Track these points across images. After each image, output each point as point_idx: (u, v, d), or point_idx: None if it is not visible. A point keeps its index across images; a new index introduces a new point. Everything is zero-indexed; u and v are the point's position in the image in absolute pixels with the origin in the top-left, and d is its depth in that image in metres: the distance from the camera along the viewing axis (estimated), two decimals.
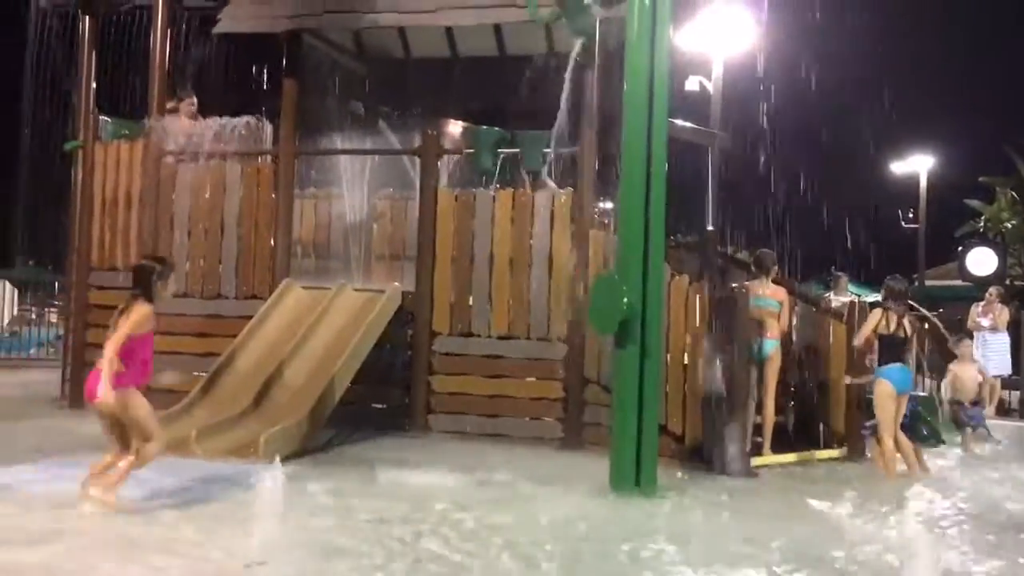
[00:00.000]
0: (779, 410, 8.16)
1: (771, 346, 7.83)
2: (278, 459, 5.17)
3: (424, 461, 7.11)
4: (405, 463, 7.00)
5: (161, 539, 4.58)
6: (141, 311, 5.20)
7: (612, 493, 5.95)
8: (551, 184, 8.85)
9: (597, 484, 6.11)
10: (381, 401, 8.79)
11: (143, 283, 5.29)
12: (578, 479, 6.39)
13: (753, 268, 8.31)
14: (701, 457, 7.21)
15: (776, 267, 8.32)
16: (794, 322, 8.53)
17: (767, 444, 7.73)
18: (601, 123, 8.30)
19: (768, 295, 7.95)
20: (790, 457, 7.81)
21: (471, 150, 9.02)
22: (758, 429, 7.81)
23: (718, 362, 7.05)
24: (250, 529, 4.90)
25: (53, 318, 20.03)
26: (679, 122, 8.74)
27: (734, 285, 7.46)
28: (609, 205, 11.06)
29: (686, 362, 7.44)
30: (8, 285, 17.50)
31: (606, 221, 10.43)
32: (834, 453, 8.20)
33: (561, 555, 4.56)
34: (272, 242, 9.16)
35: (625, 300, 6.05)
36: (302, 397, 7.54)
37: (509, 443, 8.06)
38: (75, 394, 9.57)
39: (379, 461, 7.04)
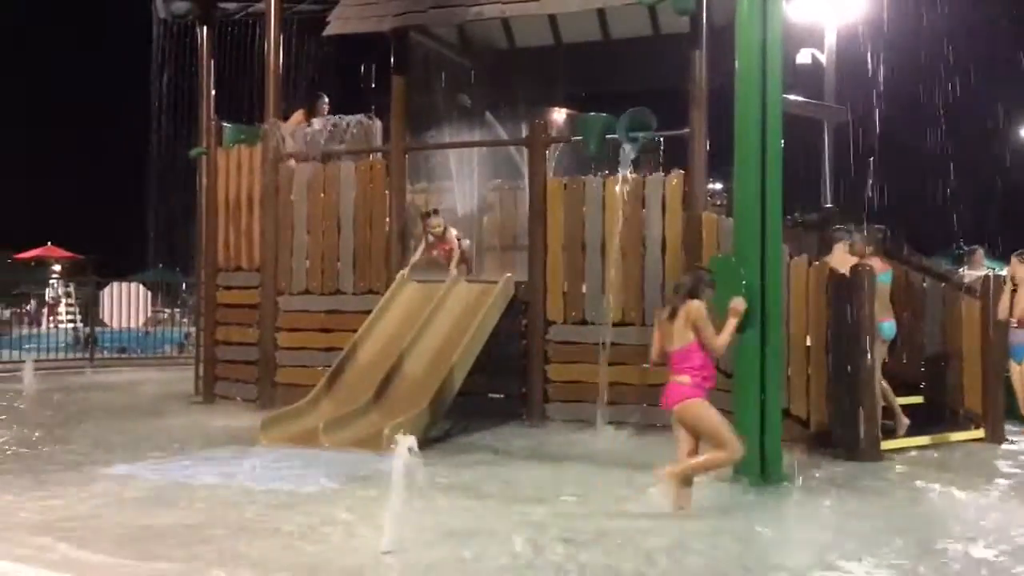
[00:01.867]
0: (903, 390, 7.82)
1: (890, 327, 7.52)
2: (405, 448, 5.24)
3: (542, 450, 7.14)
4: (523, 452, 7.05)
5: (297, 527, 4.74)
6: (701, 309, 5.22)
7: (735, 479, 5.84)
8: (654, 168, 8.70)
9: (721, 472, 6.00)
10: (498, 391, 8.87)
11: (695, 287, 5.33)
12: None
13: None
14: (827, 442, 7.00)
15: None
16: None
17: (899, 428, 7.43)
18: (711, 102, 8.15)
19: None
20: (923, 440, 7.49)
21: (579, 137, 8.98)
22: (888, 412, 7.50)
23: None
24: (380, 518, 5.02)
25: (183, 318, 21.05)
26: (793, 97, 8.48)
27: (858, 263, 7.17)
28: (719, 186, 10.88)
29: (808, 344, 7.23)
30: (142, 288, 18.43)
31: (718, 203, 10.27)
32: (972, 435, 7.82)
33: (684, 542, 4.51)
34: (386, 237, 9.35)
35: (744, 283, 5.92)
36: (422, 388, 7.68)
37: (628, 430, 8.01)
38: (207, 390, 10.04)
39: (498, 451, 7.12)
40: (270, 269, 9.69)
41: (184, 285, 21.60)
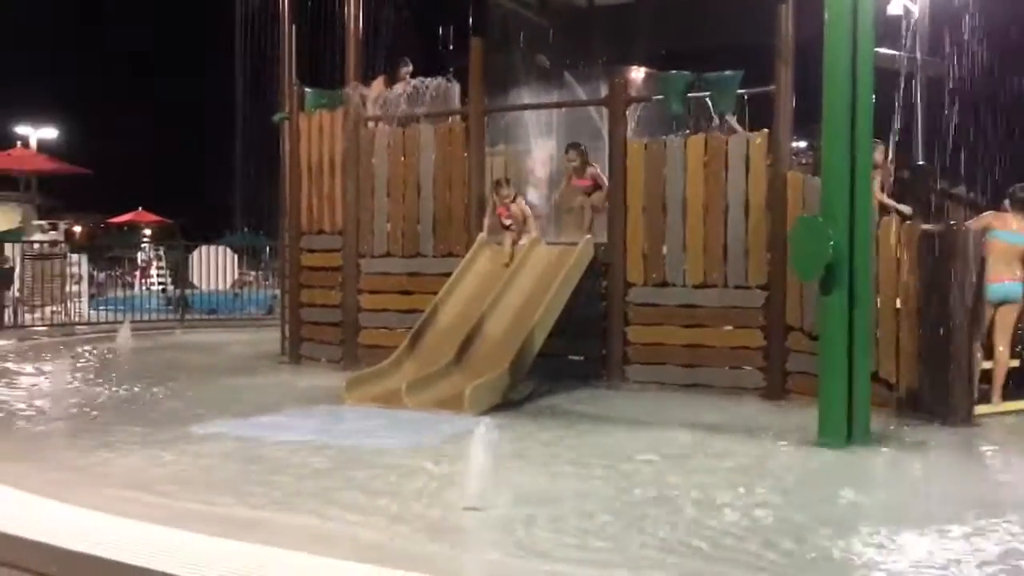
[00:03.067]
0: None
1: (1014, 289, 7.18)
2: (489, 408, 5.32)
3: (624, 411, 7.14)
4: (605, 414, 7.05)
5: (381, 483, 4.85)
6: None
7: (823, 444, 5.75)
8: (736, 126, 8.53)
9: (806, 434, 5.92)
10: (578, 353, 8.88)
11: None
12: (786, 429, 6.22)
13: (1008, 203, 7.55)
14: (917, 406, 6.83)
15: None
16: None
17: (997, 392, 7.17)
18: (798, 58, 7.91)
19: (1018, 230, 7.26)
20: (1020, 405, 7.23)
21: (660, 96, 8.83)
22: (987, 375, 7.24)
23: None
24: (463, 477, 5.10)
25: (267, 281, 21.58)
26: (885, 50, 8.17)
27: (952, 222, 6.92)
28: (803, 144, 10.59)
29: (898, 306, 7.04)
30: (229, 251, 18.92)
31: (803, 161, 10.00)
32: None
33: (775, 505, 4.46)
34: (466, 200, 9.38)
35: (831, 243, 5.77)
36: (502, 350, 7.73)
37: (709, 393, 7.95)
38: (293, 351, 10.29)
39: (580, 412, 7.14)
40: (352, 232, 9.83)
41: (268, 249, 22.10)
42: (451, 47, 11.10)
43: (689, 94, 8.51)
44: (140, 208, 36.18)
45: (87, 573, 3.28)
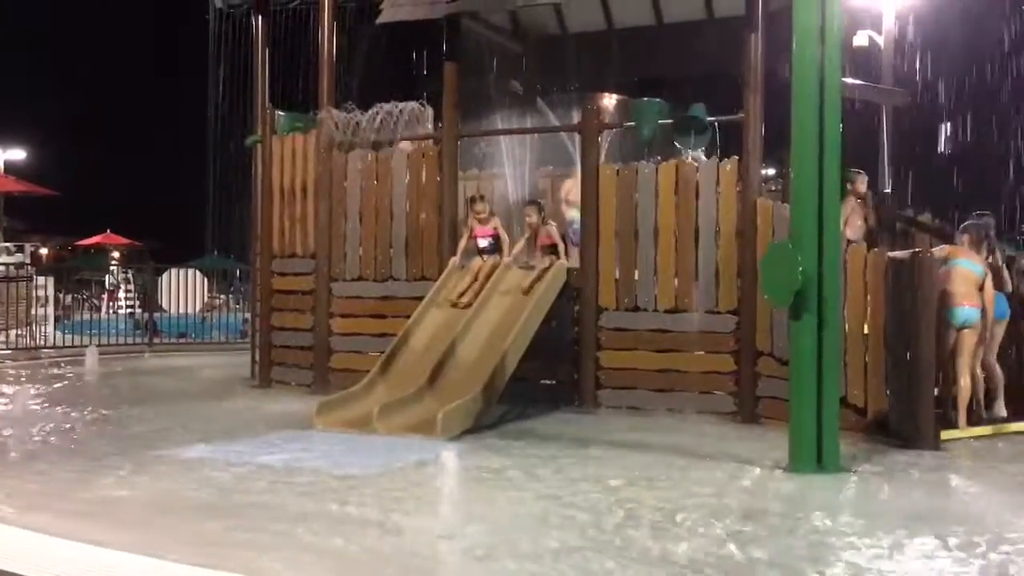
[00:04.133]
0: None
1: (973, 314, 7.35)
2: (461, 434, 5.29)
3: (596, 436, 7.14)
4: (577, 438, 7.05)
5: (355, 513, 4.79)
6: None
7: (791, 470, 5.78)
8: (700, 156, 8.64)
9: (776, 459, 5.96)
10: (550, 377, 8.89)
11: None
12: (756, 454, 6.25)
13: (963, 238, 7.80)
14: (885, 430, 6.90)
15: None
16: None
17: (962, 417, 7.28)
18: (767, 85, 8.04)
19: (975, 260, 7.51)
20: (985, 430, 7.34)
21: (631, 123, 8.92)
22: (941, 401, 7.36)
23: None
24: (436, 503, 5.09)
25: (236, 304, 21.41)
26: (851, 80, 8.33)
27: (918, 249, 7.04)
28: (771, 171, 10.73)
29: (866, 331, 7.12)
30: (199, 274, 18.77)
31: (772, 188, 10.14)
32: None
33: (746, 532, 4.48)
34: (438, 224, 9.39)
35: (800, 269, 5.84)
36: (475, 374, 7.71)
37: (680, 418, 7.98)
38: (264, 375, 10.20)
39: (552, 436, 7.14)
40: (324, 256, 9.80)
41: (238, 272, 21.96)
42: (425, 72, 11.15)
43: (660, 121, 8.62)
44: (108, 231, 35.84)
45: None
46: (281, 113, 10.38)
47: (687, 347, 8.29)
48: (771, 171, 10.80)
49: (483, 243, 8.97)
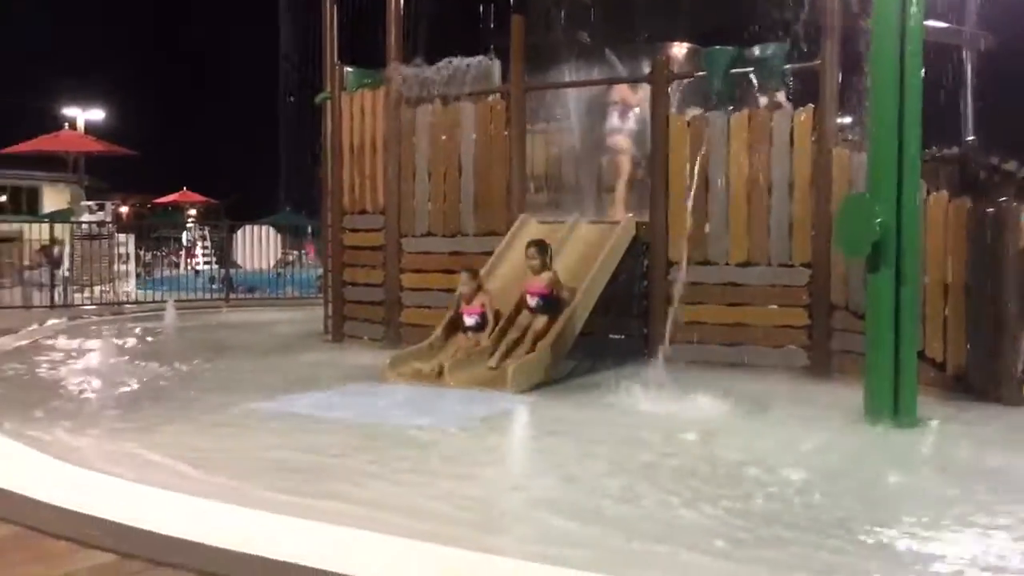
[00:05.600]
0: None
1: None
2: (531, 387, 5.32)
3: (666, 391, 7.11)
4: (647, 392, 7.03)
5: (427, 465, 4.88)
6: None
7: (868, 423, 5.70)
8: (786, 103, 8.45)
9: (851, 414, 5.87)
10: (619, 332, 8.87)
11: None
12: (830, 408, 6.16)
13: None
14: (965, 385, 6.73)
15: None
16: None
17: None
18: (844, 31, 7.78)
19: None
20: None
21: (702, 72, 8.74)
22: None
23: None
24: (507, 455, 5.15)
25: (311, 259, 21.80)
26: (933, 23, 7.99)
27: (1002, 199, 6.78)
28: (847, 120, 10.41)
29: (947, 283, 6.92)
30: (272, 230, 19.13)
31: (849, 138, 9.84)
32: None
33: (820, 485, 4.43)
34: (507, 178, 9.38)
35: (878, 220, 5.69)
36: (544, 328, 7.73)
37: (751, 372, 7.90)
38: (336, 330, 10.40)
39: (621, 391, 7.12)
40: (393, 212, 9.89)
41: (310, 228, 22.32)
42: (492, 25, 11.06)
43: (733, 70, 8.42)
44: (184, 188, 36.70)
45: (137, 546, 3.36)
46: (349, 69, 10.44)
47: (759, 301, 8.18)
48: (847, 119, 10.48)
49: (470, 320, 8.04)
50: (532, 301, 7.84)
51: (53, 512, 3.76)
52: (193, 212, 38.67)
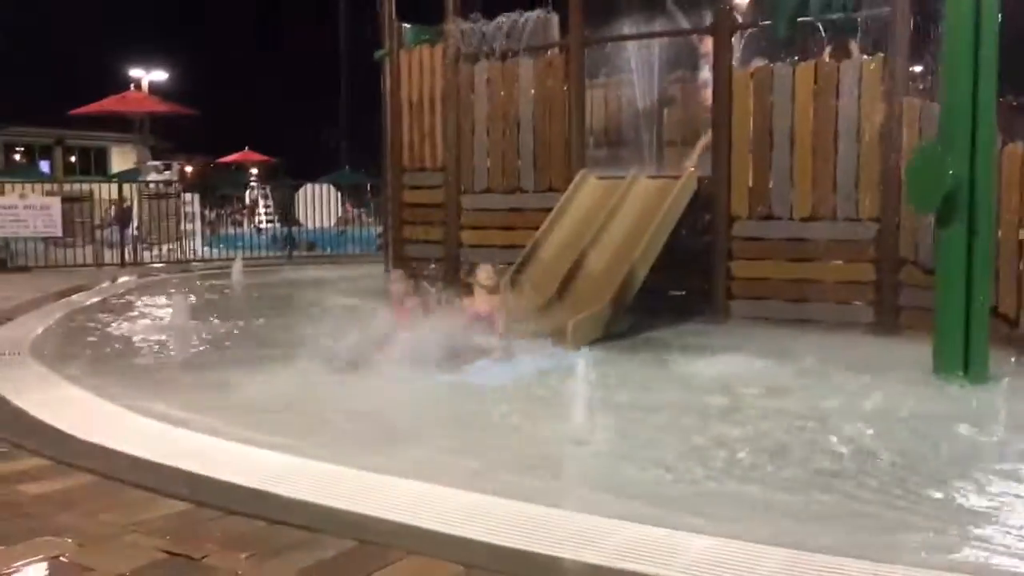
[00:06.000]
0: None
1: None
2: (592, 342, 5.31)
3: (728, 347, 7.06)
4: (708, 348, 6.99)
5: (488, 419, 4.94)
6: None
7: (937, 379, 5.59)
8: (856, 52, 8.20)
9: (919, 370, 5.76)
10: (680, 288, 8.80)
11: None
12: (897, 365, 6.05)
13: None
14: None
15: None
16: None
17: None
18: None
19: None
20: None
21: (767, 22, 8.52)
22: None
23: None
24: (563, 409, 5.16)
25: (368, 217, 21.99)
26: None
27: None
28: (917, 69, 10.07)
29: (1021, 238, 6.70)
30: (333, 188, 19.31)
31: (920, 87, 9.54)
32: None
33: (890, 442, 4.37)
34: (566, 134, 9.30)
35: (950, 172, 5.52)
36: (604, 285, 7.72)
37: (815, 328, 7.78)
38: None
39: (682, 347, 7.10)
40: (453, 168, 9.90)
41: (369, 186, 22.46)
42: None
43: (799, 18, 8.19)
44: (247, 148, 37.15)
45: (211, 495, 3.47)
46: (408, 26, 10.41)
47: (824, 256, 8.03)
48: (918, 68, 10.14)
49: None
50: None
51: (131, 462, 3.90)
52: (255, 171, 39.19)
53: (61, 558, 2.88)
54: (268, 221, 22.17)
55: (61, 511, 3.31)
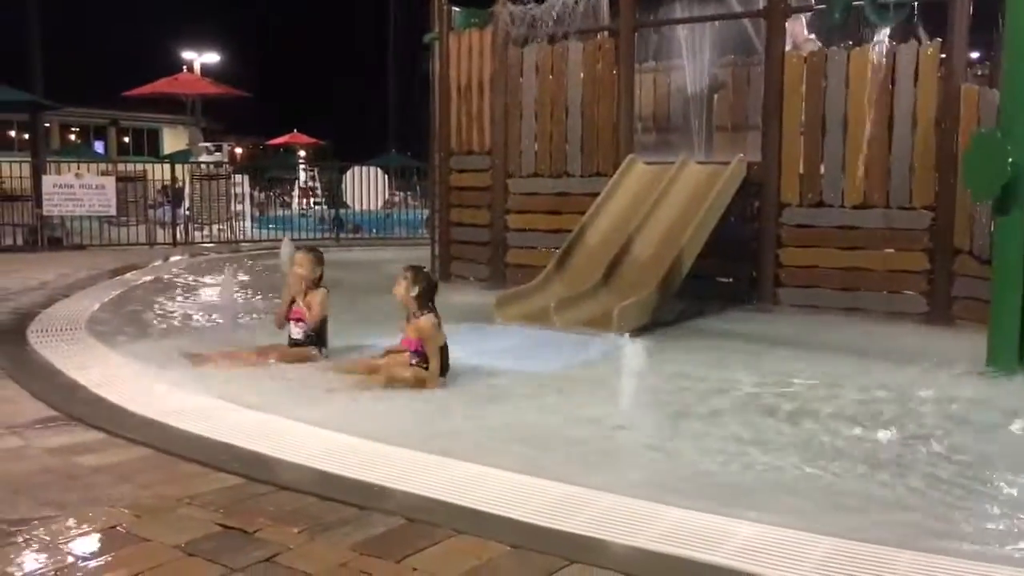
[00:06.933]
0: None
1: None
2: (638, 329, 5.30)
3: (776, 335, 7.00)
4: (756, 336, 6.94)
5: (536, 403, 4.95)
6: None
7: (992, 370, 5.49)
8: (921, 32, 8.02)
9: (974, 362, 5.66)
10: (728, 275, 8.74)
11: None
12: (952, 356, 5.93)
13: None
14: None
15: None
16: None
17: None
18: None
19: None
20: None
21: (821, 5, 8.38)
22: None
23: None
24: (610, 395, 5.17)
25: (414, 201, 22.09)
26: None
27: None
28: (975, 55, 9.84)
29: None
30: (380, 171, 19.43)
31: (979, 74, 9.34)
32: None
33: (943, 433, 4.31)
34: (614, 118, 9.25)
35: (1010, 160, 5.40)
36: (650, 271, 7.69)
37: (865, 317, 7.69)
38: (444, 270, 10.55)
39: (730, 334, 7.06)
40: (500, 152, 9.90)
41: (416, 169, 22.56)
42: None
43: (854, 2, 8.05)
44: (295, 130, 37.51)
45: (263, 471, 3.54)
46: (457, 9, 10.41)
47: (875, 245, 7.91)
48: (975, 55, 9.91)
49: (296, 333, 6.00)
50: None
51: (184, 437, 3.99)
52: (303, 154, 39.56)
53: (118, 527, 2.96)
54: (316, 203, 22.36)
55: (118, 483, 3.40)
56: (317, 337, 5.95)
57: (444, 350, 5.34)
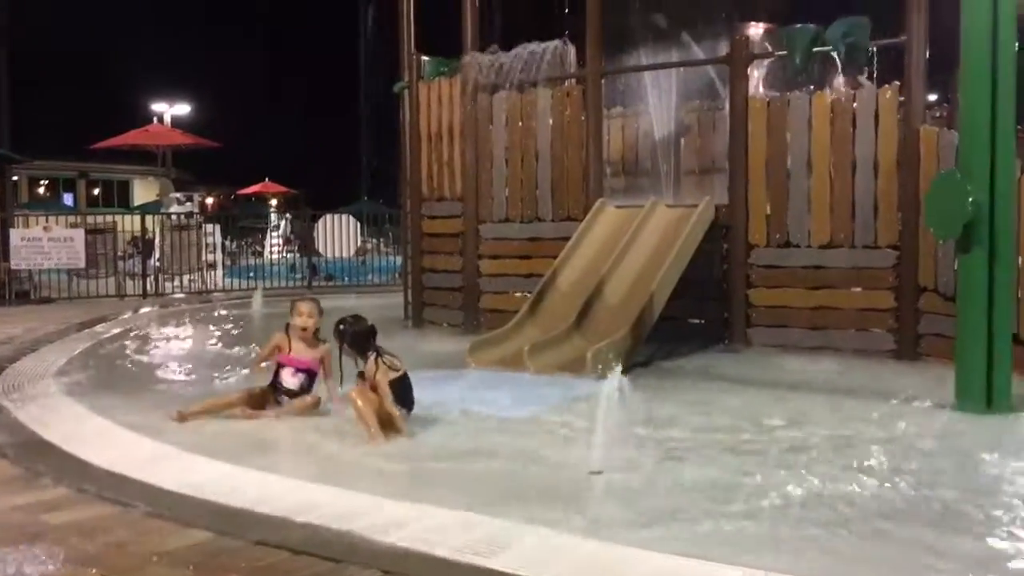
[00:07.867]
0: None
1: None
2: (612, 372, 5.30)
3: (747, 375, 7.05)
4: (729, 377, 6.98)
5: (507, 447, 4.94)
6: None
7: (958, 408, 5.55)
8: (866, 82, 8.23)
9: (942, 399, 5.73)
10: (699, 316, 8.80)
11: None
12: (919, 392, 6.00)
13: None
14: None
15: None
16: None
17: None
18: (931, 2, 7.55)
19: None
20: None
21: (783, 52, 8.58)
22: None
23: None
24: (585, 440, 5.15)
25: (386, 248, 22.08)
26: None
27: None
28: (932, 97, 10.09)
29: None
30: (352, 219, 19.43)
31: (936, 115, 9.56)
32: None
33: (912, 472, 4.35)
34: (584, 163, 9.36)
35: (970, 200, 5.52)
36: (623, 313, 7.73)
37: (835, 356, 7.75)
38: (416, 316, 10.55)
39: (702, 375, 7.09)
40: (471, 198, 9.96)
41: (388, 216, 22.58)
42: (566, 10, 11.03)
43: (814, 49, 8.25)
44: (267, 179, 37.54)
45: (234, 525, 3.49)
46: (426, 58, 10.53)
47: (842, 284, 8.02)
48: (932, 97, 10.17)
49: (291, 382, 5.77)
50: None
51: (153, 492, 3.93)
52: (275, 202, 39.55)
53: None
54: (288, 251, 22.27)
55: (85, 541, 3.34)
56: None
57: (399, 384, 5.33)
